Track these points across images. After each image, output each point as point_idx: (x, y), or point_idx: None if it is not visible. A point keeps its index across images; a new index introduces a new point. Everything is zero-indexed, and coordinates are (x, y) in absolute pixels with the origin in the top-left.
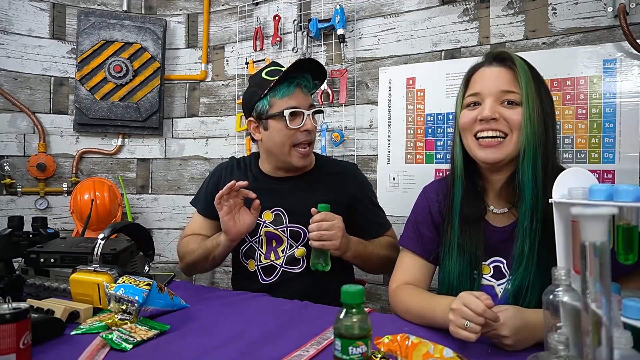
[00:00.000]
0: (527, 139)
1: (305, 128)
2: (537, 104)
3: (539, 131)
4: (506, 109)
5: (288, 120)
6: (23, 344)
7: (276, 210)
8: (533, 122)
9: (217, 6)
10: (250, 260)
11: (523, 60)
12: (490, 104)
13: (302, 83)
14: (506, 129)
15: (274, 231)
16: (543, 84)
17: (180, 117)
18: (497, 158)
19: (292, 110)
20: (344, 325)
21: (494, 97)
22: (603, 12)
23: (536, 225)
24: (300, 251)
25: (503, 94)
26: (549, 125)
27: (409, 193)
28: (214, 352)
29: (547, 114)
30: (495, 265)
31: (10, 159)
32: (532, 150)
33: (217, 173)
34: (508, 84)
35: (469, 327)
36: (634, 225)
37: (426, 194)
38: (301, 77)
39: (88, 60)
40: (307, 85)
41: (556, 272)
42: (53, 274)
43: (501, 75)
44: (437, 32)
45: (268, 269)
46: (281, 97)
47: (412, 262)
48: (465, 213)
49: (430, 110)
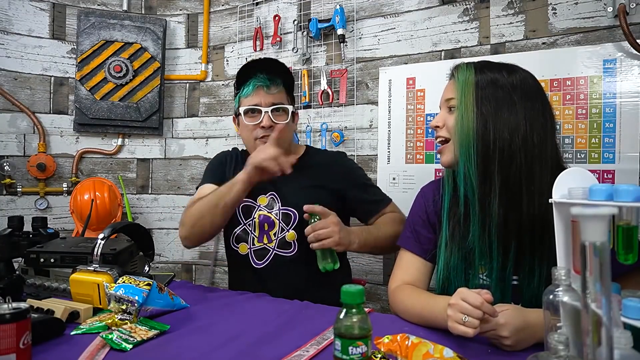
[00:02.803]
0: (459, 139)
1: (262, 124)
2: (472, 107)
3: (477, 132)
4: (449, 115)
5: (244, 118)
6: (23, 344)
7: (271, 195)
8: (466, 124)
9: (217, 6)
10: (242, 244)
11: (482, 65)
12: (440, 113)
13: (260, 83)
14: (446, 134)
15: (267, 214)
16: (495, 86)
17: (180, 117)
18: (445, 161)
19: (247, 108)
20: (344, 325)
21: (443, 106)
22: (603, 12)
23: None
24: (291, 234)
25: (447, 102)
26: (489, 127)
27: (409, 193)
28: (214, 352)
29: (491, 116)
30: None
31: (10, 159)
32: (464, 148)
33: (224, 156)
34: (449, 92)
35: (467, 321)
36: (634, 225)
37: (423, 194)
38: (256, 77)
39: (88, 60)
40: (266, 84)
41: (556, 272)
42: (53, 274)
43: (448, 87)
44: (437, 32)
45: (260, 253)
46: (245, 96)
47: (411, 261)
48: (453, 210)
49: (430, 110)
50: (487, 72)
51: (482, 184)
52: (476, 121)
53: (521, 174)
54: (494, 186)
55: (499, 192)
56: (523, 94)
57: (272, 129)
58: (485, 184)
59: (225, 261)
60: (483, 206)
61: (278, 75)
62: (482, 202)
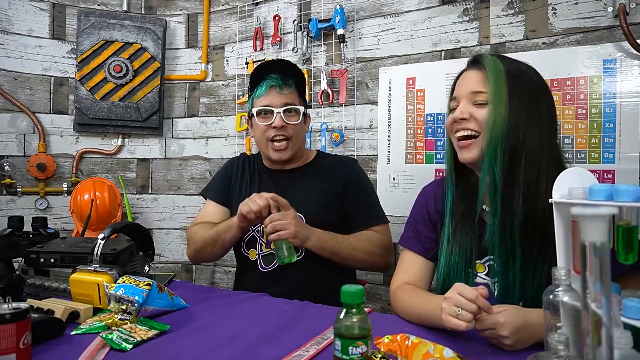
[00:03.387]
0: (490, 135)
1: (274, 125)
2: (506, 102)
3: (509, 129)
4: (477, 108)
5: (257, 118)
6: (23, 344)
7: None
8: (499, 121)
9: (217, 6)
10: (252, 250)
11: (505, 59)
12: (462, 105)
13: (272, 83)
14: (477, 128)
15: None
16: (522, 82)
17: (180, 117)
18: (471, 157)
19: (259, 109)
20: (344, 325)
21: (465, 98)
22: (603, 12)
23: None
24: None
25: (474, 95)
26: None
27: (409, 193)
28: (214, 352)
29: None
30: (489, 264)
31: (10, 159)
32: (492, 146)
33: (230, 166)
34: (477, 84)
35: (461, 314)
36: (634, 225)
37: (424, 193)
38: (269, 78)
39: (88, 60)
40: (279, 84)
41: (556, 272)
42: (53, 274)
43: (472, 77)
44: (437, 32)
45: (268, 257)
46: (257, 97)
47: (412, 261)
48: (459, 210)
49: (430, 110)
50: (514, 65)
51: (506, 183)
52: (508, 117)
53: (540, 173)
54: (517, 186)
55: (523, 192)
56: (543, 91)
57: (284, 129)
58: (509, 183)
59: (225, 261)
60: (506, 205)
61: (290, 76)
62: (505, 201)
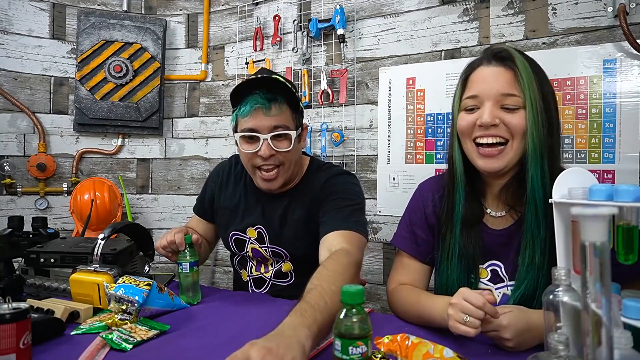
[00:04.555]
0: (532, 145)
1: (260, 154)
2: (540, 106)
3: (545, 135)
4: (506, 113)
5: (240, 144)
6: (23, 344)
7: (258, 228)
8: (538, 126)
9: (217, 6)
10: (243, 270)
11: (524, 56)
12: (489, 108)
13: (258, 104)
14: (507, 135)
15: (259, 249)
16: (546, 81)
17: (180, 117)
18: (498, 167)
19: (242, 134)
20: (344, 325)
21: (493, 100)
22: (603, 12)
23: (545, 233)
24: (286, 266)
25: (503, 97)
26: (553, 127)
27: (409, 193)
28: (214, 352)
29: (552, 115)
30: (492, 269)
31: (10, 159)
32: (538, 156)
33: (214, 179)
34: (508, 86)
35: (469, 321)
36: (634, 225)
37: (421, 193)
38: (254, 95)
39: (88, 60)
40: (265, 105)
41: (556, 272)
42: (53, 274)
43: (501, 77)
44: (437, 32)
45: (258, 281)
46: (242, 116)
47: (408, 264)
48: (464, 217)
49: (430, 110)
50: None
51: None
52: (545, 123)
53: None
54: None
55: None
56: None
57: (273, 157)
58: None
59: (225, 261)
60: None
61: (280, 93)
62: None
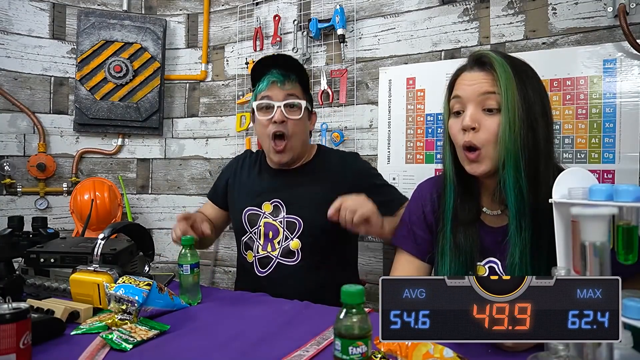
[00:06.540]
0: (506, 148)
1: (274, 119)
2: (519, 107)
3: (523, 135)
4: (486, 116)
5: (257, 113)
6: (23, 344)
7: (275, 202)
8: (514, 129)
9: (217, 6)
10: (249, 252)
11: (509, 59)
12: (471, 110)
13: (274, 79)
14: (484, 138)
15: (272, 222)
16: (532, 82)
17: (180, 117)
18: (482, 171)
19: (259, 102)
20: (344, 325)
21: (474, 102)
22: (603, 12)
23: (525, 233)
24: (295, 243)
25: (483, 97)
26: (537, 127)
27: (409, 193)
28: (214, 352)
29: (535, 115)
30: (490, 267)
31: (10, 159)
32: (512, 158)
33: (230, 166)
34: (487, 85)
35: None
36: (634, 225)
37: (420, 192)
38: (270, 73)
39: (88, 60)
40: (280, 80)
41: (556, 272)
42: (53, 274)
43: (482, 80)
44: (437, 32)
45: (264, 261)
46: (259, 91)
47: (408, 263)
48: (460, 216)
49: (430, 110)
50: (518, 65)
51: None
52: (523, 125)
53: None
54: (541, 195)
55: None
56: (544, 91)
57: (284, 124)
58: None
59: (225, 261)
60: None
61: (293, 71)
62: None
